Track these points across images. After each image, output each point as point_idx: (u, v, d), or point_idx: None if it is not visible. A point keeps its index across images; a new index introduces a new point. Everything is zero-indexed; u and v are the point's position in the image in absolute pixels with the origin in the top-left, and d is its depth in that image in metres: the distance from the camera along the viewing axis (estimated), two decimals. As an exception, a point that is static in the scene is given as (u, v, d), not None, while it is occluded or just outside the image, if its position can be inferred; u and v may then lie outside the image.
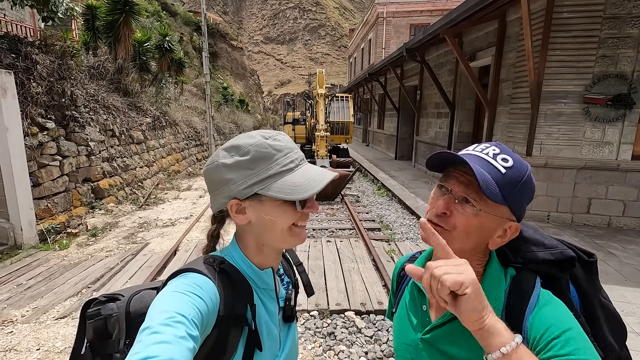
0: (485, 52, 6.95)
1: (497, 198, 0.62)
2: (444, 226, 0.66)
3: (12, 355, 2.70)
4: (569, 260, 0.69)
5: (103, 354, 0.68)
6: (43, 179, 5.42)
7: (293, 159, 0.68)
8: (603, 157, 5.27)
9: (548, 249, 0.71)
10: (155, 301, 0.56)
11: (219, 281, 0.64)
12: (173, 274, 0.65)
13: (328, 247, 4.82)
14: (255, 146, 0.66)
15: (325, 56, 69.71)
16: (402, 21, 18.55)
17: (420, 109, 11.07)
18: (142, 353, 0.45)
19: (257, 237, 0.71)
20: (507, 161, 0.65)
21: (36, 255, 4.68)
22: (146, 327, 0.50)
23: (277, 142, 0.68)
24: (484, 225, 0.65)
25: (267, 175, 0.66)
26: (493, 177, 0.63)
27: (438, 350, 0.71)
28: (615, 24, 4.91)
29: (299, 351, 2.73)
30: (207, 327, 0.59)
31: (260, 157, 0.66)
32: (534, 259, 0.70)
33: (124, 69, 9.66)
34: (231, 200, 0.68)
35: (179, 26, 26.28)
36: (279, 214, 0.67)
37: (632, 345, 2.60)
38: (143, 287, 0.73)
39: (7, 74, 4.74)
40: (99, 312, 0.68)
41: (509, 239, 0.68)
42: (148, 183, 8.83)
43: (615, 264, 4.09)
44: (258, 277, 0.72)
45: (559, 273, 0.70)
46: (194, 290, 0.58)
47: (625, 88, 5.00)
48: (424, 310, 0.75)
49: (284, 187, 0.65)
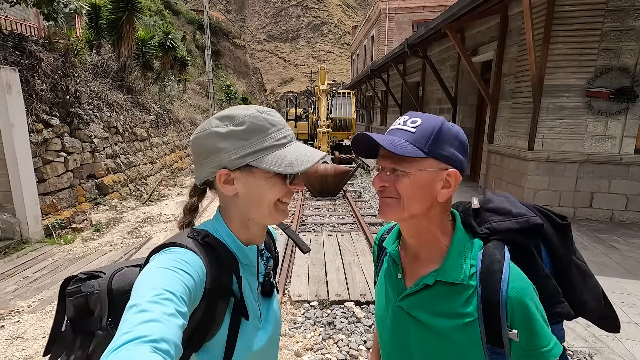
0: (487, 46, 6.92)
1: (412, 152, 0.66)
2: (391, 195, 0.69)
3: (18, 342, 2.76)
4: (534, 227, 0.71)
5: (85, 331, 0.67)
6: (48, 175, 5.50)
7: (285, 135, 0.69)
8: (606, 151, 5.24)
9: (515, 217, 0.73)
10: (141, 277, 0.54)
11: (204, 255, 0.63)
12: (156, 249, 0.63)
13: (329, 241, 4.85)
14: (250, 117, 0.67)
15: (328, 54, 69.58)
16: (405, 17, 18.48)
17: (422, 105, 11.04)
18: (132, 333, 0.43)
19: (242, 210, 0.71)
20: (416, 122, 0.69)
21: (42, 250, 4.75)
22: (133, 305, 0.48)
23: (271, 116, 0.69)
24: (420, 182, 0.67)
25: (260, 147, 0.66)
26: (406, 138, 0.67)
27: (411, 316, 0.74)
28: (618, 17, 4.87)
29: (299, 339, 2.77)
30: (194, 301, 0.58)
31: (255, 128, 0.66)
32: (498, 229, 0.72)
33: (127, 66, 9.73)
34: (220, 170, 0.68)
35: (182, 25, 26.37)
36: (267, 187, 0.68)
37: (632, 336, 2.61)
38: (125, 265, 0.72)
39: (12, 71, 4.80)
40: (80, 289, 0.67)
41: (455, 186, 0.69)
42: (151, 180, 8.91)
43: (617, 257, 4.08)
44: (242, 253, 0.72)
45: (524, 241, 0.72)
46: (180, 266, 0.57)
47: (628, 81, 4.97)
48: (399, 278, 0.78)
49: (276, 160, 0.66)
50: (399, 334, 0.77)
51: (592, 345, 2.56)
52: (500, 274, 0.66)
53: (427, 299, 0.72)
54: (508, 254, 0.69)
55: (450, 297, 0.70)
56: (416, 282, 0.74)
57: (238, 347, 0.67)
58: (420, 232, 0.73)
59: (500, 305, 0.64)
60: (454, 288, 0.70)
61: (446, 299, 0.70)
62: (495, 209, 0.76)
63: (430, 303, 0.72)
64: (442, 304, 0.70)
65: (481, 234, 0.74)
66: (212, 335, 0.64)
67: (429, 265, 0.74)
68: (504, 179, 6.29)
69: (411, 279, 0.77)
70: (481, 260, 0.69)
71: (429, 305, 0.72)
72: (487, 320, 0.66)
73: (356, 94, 17.45)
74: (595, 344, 2.57)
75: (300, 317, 3.08)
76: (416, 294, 0.74)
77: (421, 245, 0.75)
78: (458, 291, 0.69)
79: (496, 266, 0.67)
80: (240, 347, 0.67)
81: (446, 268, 0.70)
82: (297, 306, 3.26)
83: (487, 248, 0.70)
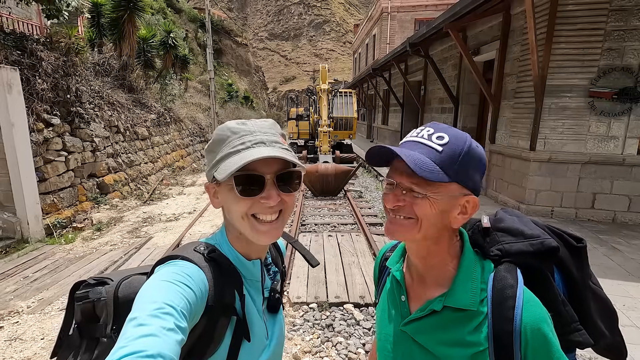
0: (490, 46, 6.87)
1: (439, 177, 0.60)
2: (406, 215, 0.64)
3: (17, 344, 2.76)
4: (550, 251, 0.66)
5: (90, 336, 0.67)
6: (49, 174, 5.50)
7: (245, 141, 0.64)
8: (608, 152, 5.20)
9: (528, 239, 0.68)
10: (143, 290, 0.54)
11: (208, 270, 0.63)
12: (161, 260, 0.63)
13: (329, 241, 4.84)
14: (218, 129, 0.67)
15: (330, 52, 69.45)
16: (407, 16, 18.40)
17: (424, 105, 11.00)
18: (129, 347, 0.43)
19: (232, 224, 0.70)
20: (442, 138, 0.63)
21: (42, 249, 4.76)
22: (133, 318, 0.48)
23: (240, 125, 0.66)
24: (441, 206, 0.63)
25: (219, 157, 0.65)
26: (431, 157, 0.61)
27: (416, 342, 0.70)
28: (621, 16, 4.82)
29: (298, 342, 2.76)
30: (195, 316, 0.57)
31: (218, 139, 0.66)
32: (510, 251, 0.67)
33: (128, 65, 9.73)
34: (206, 183, 0.70)
35: (183, 23, 26.36)
36: (229, 201, 0.66)
37: (634, 339, 2.58)
38: (132, 272, 0.72)
39: (12, 70, 4.80)
40: (87, 295, 0.68)
41: (471, 213, 0.65)
42: (152, 179, 8.91)
43: (619, 259, 4.05)
44: (245, 268, 0.70)
45: (539, 264, 0.67)
46: (183, 280, 0.56)
47: (632, 81, 4.92)
48: (402, 301, 0.74)
49: (223, 167, 0.63)
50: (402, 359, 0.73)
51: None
52: (513, 300, 0.61)
53: (433, 326, 0.68)
54: (521, 278, 0.64)
55: (458, 324, 0.65)
56: (422, 306, 0.70)
57: None
58: (429, 254, 0.69)
59: (514, 334, 0.60)
60: (462, 314, 0.65)
61: (454, 326, 0.66)
62: (506, 229, 0.71)
63: (436, 330, 0.67)
64: (449, 332, 0.66)
65: (492, 255, 0.69)
66: (212, 353, 0.63)
67: (436, 288, 0.69)
68: (506, 180, 6.26)
69: (416, 302, 0.72)
70: (492, 284, 0.64)
71: (435, 332, 0.67)
72: (498, 352, 0.61)
73: (358, 92, 17.39)
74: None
75: (299, 319, 3.07)
76: (422, 319, 0.69)
77: (429, 268, 0.70)
78: (467, 318, 0.65)
79: (509, 292, 0.62)
80: None
81: (455, 293, 0.66)
82: (296, 308, 3.25)
83: (499, 271, 0.66)
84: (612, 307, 0.75)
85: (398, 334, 0.73)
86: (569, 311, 0.66)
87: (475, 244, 0.71)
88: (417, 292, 0.73)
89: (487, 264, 0.68)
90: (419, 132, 0.67)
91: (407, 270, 0.76)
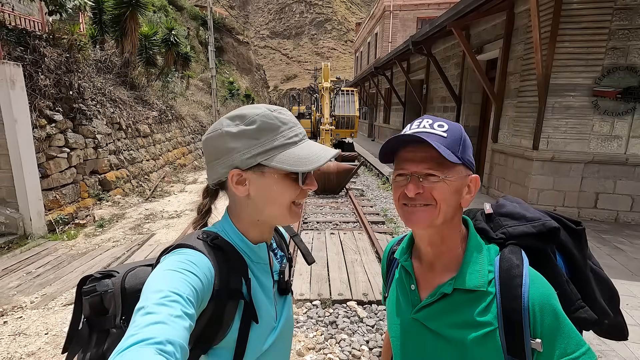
0: (493, 44, 6.85)
1: (453, 158, 0.65)
2: (426, 202, 0.67)
3: (21, 339, 2.77)
4: (551, 231, 0.70)
5: (100, 329, 0.69)
6: (51, 170, 5.50)
7: (297, 133, 0.68)
8: (611, 151, 5.19)
9: (530, 221, 0.71)
10: (149, 280, 0.55)
11: (213, 256, 0.64)
12: (166, 250, 0.64)
13: (331, 239, 4.84)
14: (261, 116, 0.66)
15: (332, 51, 69.35)
16: (409, 14, 18.36)
17: (426, 103, 10.98)
18: (138, 335, 0.44)
19: (254, 211, 0.70)
20: (443, 126, 0.68)
21: (45, 245, 4.77)
22: (141, 307, 0.49)
23: (282, 115, 0.68)
24: (454, 188, 0.67)
25: (272, 146, 0.65)
26: (441, 142, 0.65)
27: (428, 328, 0.71)
28: (626, 15, 4.80)
29: (301, 339, 2.76)
30: (202, 303, 0.59)
31: (267, 127, 0.66)
32: (513, 234, 0.71)
33: (130, 62, 9.72)
34: (233, 170, 0.67)
35: (185, 21, 26.33)
36: (280, 189, 0.67)
37: (638, 339, 2.58)
38: (137, 264, 0.74)
39: (15, 66, 4.80)
40: (95, 288, 0.69)
41: (475, 191, 0.70)
42: (154, 176, 8.92)
43: (622, 258, 4.04)
44: (252, 252, 0.72)
45: (542, 245, 0.70)
46: (188, 268, 0.57)
47: (636, 81, 4.90)
48: (412, 289, 0.76)
49: (288, 158, 0.65)
50: (415, 348, 0.74)
51: (597, 348, 2.54)
52: (520, 279, 0.64)
53: (444, 309, 0.70)
54: (526, 258, 0.67)
55: (468, 305, 0.68)
56: (432, 292, 0.72)
57: (249, 349, 0.67)
58: (444, 239, 0.72)
59: (523, 311, 0.62)
60: (472, 295, 0.68)
61: (464, 308, 0.68)
62: (509, 214, 0.75)
63: (447, 314, 0.69)
64: (460, 314, 0.68)
65: (496, 238, 0.72)
66: (222, 337, 0.64)
67: (445, 274, 0.72)
68: (508, 179, 6.25)
69: (426, 290, 0.74)
70: (499, 265, 0.67)
71: (446, 315, 0.69)
72: (508, 329, 0.63)
73: (359, 91, 17.39)
74: (600, 347, 2.55)
75: (302, 316, 3.07)
76: (433, 305, 0.71)
77: (439, 255, 0.73)
78: (477, 298, 0.67)
79: (515, 271, 0.65)
80: (251, 348, 0.67)
81: (464, 275, 0.68)
82: (299, 305, 3.25)
83: (504, 253, 0.69)
84: (613, 287, 0.78)
85: (409, 322, 0.75)
86: (572, 289, 0.70)
87: (479, 231, 0.75)
88: (427, 279, 0.75)
89: (493, 247, 0.71)
90: (418, 124, 0.70)
91: (415, 260, 0.79)
